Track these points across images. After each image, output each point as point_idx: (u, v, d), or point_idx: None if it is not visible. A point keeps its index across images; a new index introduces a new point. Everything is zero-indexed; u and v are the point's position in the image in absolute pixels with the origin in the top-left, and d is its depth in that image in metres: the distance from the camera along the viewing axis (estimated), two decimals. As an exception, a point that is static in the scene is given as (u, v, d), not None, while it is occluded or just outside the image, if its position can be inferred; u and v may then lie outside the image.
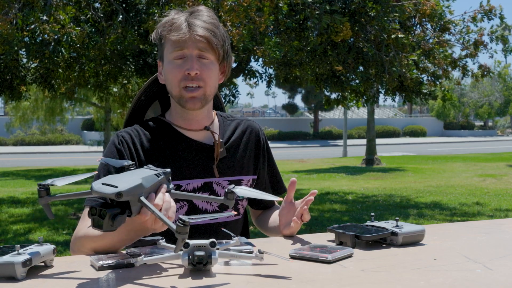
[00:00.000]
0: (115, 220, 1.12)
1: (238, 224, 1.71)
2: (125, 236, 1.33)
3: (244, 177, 1.68)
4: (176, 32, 1.51)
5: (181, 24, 1.51)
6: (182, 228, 1.07)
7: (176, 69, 1.53)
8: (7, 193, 10.72)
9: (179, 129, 1.62)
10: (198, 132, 1.63)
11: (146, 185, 1.17)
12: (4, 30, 4.25)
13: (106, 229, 1.12)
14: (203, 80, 1.54)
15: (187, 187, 1.58)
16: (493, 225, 1.71)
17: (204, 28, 1.51)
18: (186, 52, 1.52)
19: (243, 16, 4.48)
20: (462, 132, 44.81)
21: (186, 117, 1.61)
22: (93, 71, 7.22)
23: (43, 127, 27.52)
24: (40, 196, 1.16)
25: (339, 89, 6.90)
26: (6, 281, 1.10)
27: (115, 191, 1.10)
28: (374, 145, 18.12)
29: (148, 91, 1.71)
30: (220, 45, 1.55)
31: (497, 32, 6.77)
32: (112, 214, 1.12)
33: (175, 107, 1.63)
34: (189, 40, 1.50)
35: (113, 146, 1.58)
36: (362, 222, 1.81)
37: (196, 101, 1.55)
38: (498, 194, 9.71)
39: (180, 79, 1.53)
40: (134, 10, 5.44)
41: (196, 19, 1.52)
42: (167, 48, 1.55)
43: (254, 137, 1.73)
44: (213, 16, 1.57)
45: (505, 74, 40.81)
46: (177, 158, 1.59)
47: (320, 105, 35.95)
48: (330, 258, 1.23)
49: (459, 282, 1.07)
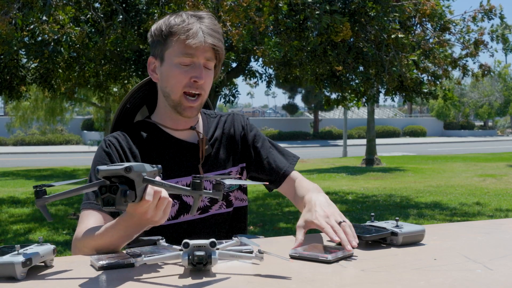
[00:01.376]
0: (126, 195, 1.12)
1: (228, 219, 1.69)
2: (123, 232, 1.33)
3: (233, 168, 1.69)
4: (193, 39, 1.51)
5: (198, 31, 1.52)
6: (198, 184, 1.12)
7: (182, 75, 1.54)
8: (7, 193, 10.72)
9: (165, 129, 1.64)
10: (184, 132, 1.65)
11: (148, 168, 1.19)
12: (3, 30, 4.25)
13: (119, 205, 1.12)
14: (204, 89, 1.57)
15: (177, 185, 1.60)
16: (493, 225, 1.71)
17: (215, 37, 1.54)
18: (195, 60, 1.53)
19: (242, 16, 4.48)
20: (462, 132, 44.80)
21: (175, 118, 1.63)
22: (93, 71, 7.23)
23: (43, 127, 27.52)
24: (37, 197, 1.15)
25: (339, 89, 6.91)
26: (6, 281, 1.10)
27: (124, 165, 1.11)
28: (374, 145, 18.11)
29: (133, 98, 1.73)
30: (223, 54, 1.59)
31: (498, 31, 6.77)
32: (124, 189, 1.12)
33: (164, 108, 1.64)
34: (202, 48, 1.52)
35: (101, 150, 1.59)
36: (362, 222, 1.82)
37: (194, 110, 1.59)
38: (498, 194, 9.71)
39: (184, 85, 1.54)
40: (134, 10, 5.44)
41: (205, 26, 1.54)
42: (173, 49, 1.54)
43: (237, 128, 1.73)
44: (217, 23, 1.60)
45: (505, 74, 40.83)
46: (164, 158, 1.60)
47: (320, 105, 35.93)
48: (330, 258, 1.23)
49: (459, 282, 1.07)
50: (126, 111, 1.73)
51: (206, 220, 1.64)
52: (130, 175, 1.12)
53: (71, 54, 5.86)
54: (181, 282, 1.11)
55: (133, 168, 1.12)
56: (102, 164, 1.55)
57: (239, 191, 1.72)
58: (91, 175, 1.55)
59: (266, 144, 1.75)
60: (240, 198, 1.73)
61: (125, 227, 1.32)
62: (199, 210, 1.63)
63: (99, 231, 1.37)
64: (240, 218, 1.73)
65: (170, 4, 4.77)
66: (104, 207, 1.13)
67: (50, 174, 15.62)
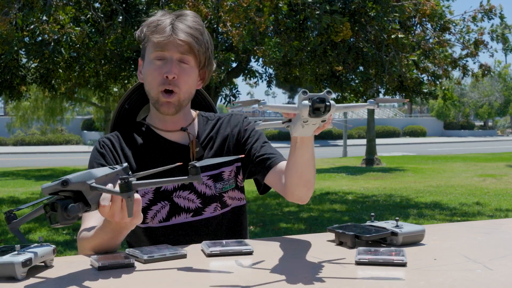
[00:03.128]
0: (68, 210, 1.09)
1: (225, 220, 1.65)
2: (111, 234, 1.33)
3: (225, 169, 1.65)
4: (159, 34, 1.52)
5: (165, 27, 1.52)
6: (124, 186, 1.09)
7: (155, 71, 1.54)
8: (7, 193, 10.72)
9: (157, 131, 1.64)
10: (175, 133, 1.64)
11: (97, 174, 1.16)
12: (4, 30, 4.25)
13: (63, 222, 1.09)
14: (178, 86, 1.54)
15: (167, 187, 1.59)
16: (493, 225, 1.71)
17: (187, 33, 1.52)
18: (166, 54, 1.53)
19: (243, 16, 4.48)
20: (462, 132, 44.79)
21: (162, 119, 1.63)
22: (93, 71, 7.23)
23: (43, 127, 27.52)
24: (9, 222, 1.14)
25: (338, 89, 6.90)
26: (6, 281, 1.10)
27: (60, 180, 1.09)
28: (374, 145, 18.11)
29: (131, 99, 1.73)
30: (202, 51, 1.56)
31: (498, 31, 6.77)
32: (64, 204, 1.09)
33: (152, 108, 1.65)
34: (171, 43, 1.51)
35: (95, 151, 1.60)
36: (362, 222, 1.82)
37: (170, 106, 1.56)
38: (498, 194, 9.70)
39: (159, 83, 1.54)
40: (134, 10, 5.44)
41: (180, 22, 1.53)
42: (148, 48, 1.56)
43: (233, 127, 1.69)
44: (199, 22, 1.58)
45: (505, 74, 40.82)
46: (155, 159, 1.60)
47: (320, 105, 35.84)
48: (406, 260, 1.19)
49: (459, 282, 1.07)
50: (124, 111, 1.74)
51: (201, 223, 1.61)
52: (70, 187, 1.09)
53: (71, 54, 5.86)
54: (181, 282, 1.11)
55: (70, 181, 1.09)
56: (98, 164, 1.56)
57: (235, 190, 1.67)
58: None
59: (261, 139, 1.67)
60: (238, 197, 1.69)
61: (110, 230, 1.32)
62: (190, 212, 1.59)
63: (92, 233, 1.38)
64: (239, 218, 1.69)
65: (170, 4, 4.77)
66: (52, 225, 1.11)
67: (50, 174, 15.62)
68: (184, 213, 1.60)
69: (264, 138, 1.70)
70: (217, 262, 1.26)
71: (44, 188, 1.11)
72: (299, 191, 1.49)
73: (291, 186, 1.49)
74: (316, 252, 1.35)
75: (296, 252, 1.36)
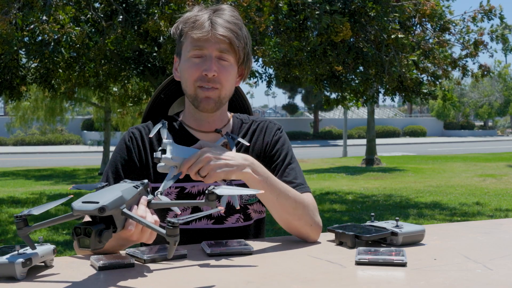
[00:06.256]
0: (101, 236, 1.08)
1: (248, 230, 1.60)
2: (115, 242, 1.31)
3: None
4: (198, 30, 1.46)
5: (204, 22, 1.46)
6: (172, 231, 1.04)
7: (193, 68, 1.48)
8: (7, 193, 10.72)
9: (189, 130, 1.59)
10: (209, 134, 1.59)
11: (127, 197, 1.15)
12: (3, 30, 4.25)
13: (95, 248, 1.08)
14: (220, 83, 1.49)
15: (191, 190, 1.54)
16: (493, 225, 1.71)
17: (227, 28, 1.47)
18: (205, 52, 1.48)
19: (243, 16, 4.48)
20: (462, 132, 44.77)
21: (197, 118, 1.58)
22: (93, 71, 7.22)
23: (43, 127, 27.48)
24: (19, 228, 1.12)
25: (338, 89, 6.91)
26: (6, 281, 1.10)
27: (97, 206, 1.06)
28: (374, 145, 18.11)
29: (167, 89, 1.69)
30: (242, 47, 1.50)
31: (497, 31, 6.78)
32: (98, 230, 1.08)
33: (188, 107, 1.60)
34: (211, 39, 1.46)
35: (123, 142, 1.57)
36: (362, 222, 1.82)
37: (210, 101, 1.51)
38: (498, 194, 9.71)
39: (196, 79, 1.49)
40: (134, 10, 5.44)
41: (219, 17, 1.48)
42: (186, 44, 1.50)
43: (266, 137, 1.63)
44: (237, 16, 1.53)
45: (505, 74, 40.78)
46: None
47: (320, 105, 35.89)
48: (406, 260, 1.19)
49: (459, 282, 1.07)
50: (160, 101, 1.70)
51: (221, 231, 1.56)
52: (105, 213, 1.07)
53: (71, 54, 5.86)
54: (181, 282, 1.11)
55: (107, 208, 1.07)
56: (122, 158, 1.53)
57: (258, 203, 1.61)
58: (108, 171, 1.52)
59: (287, 158, 1.60)
60: (259, 210, 1.63)
61: (116, 239, 1.29)
62: (212, 219, 1.55)
63: None
64: (260, 230, 1.66)
65: (170, 4, 4.77)
66: (80, 248, 1.09)
67: (50, 174, 15.62)
68: (206, 219, 1.55)
69: (291, 155, 1.62)
70: (217, 262, 1.26)
71: (77, 209, 1.07)
72: (297, 232, 1.50)
73: (289, 231, 1.51)
74: (316, 252, 1.35)
75: (296, 252, 1.36)
